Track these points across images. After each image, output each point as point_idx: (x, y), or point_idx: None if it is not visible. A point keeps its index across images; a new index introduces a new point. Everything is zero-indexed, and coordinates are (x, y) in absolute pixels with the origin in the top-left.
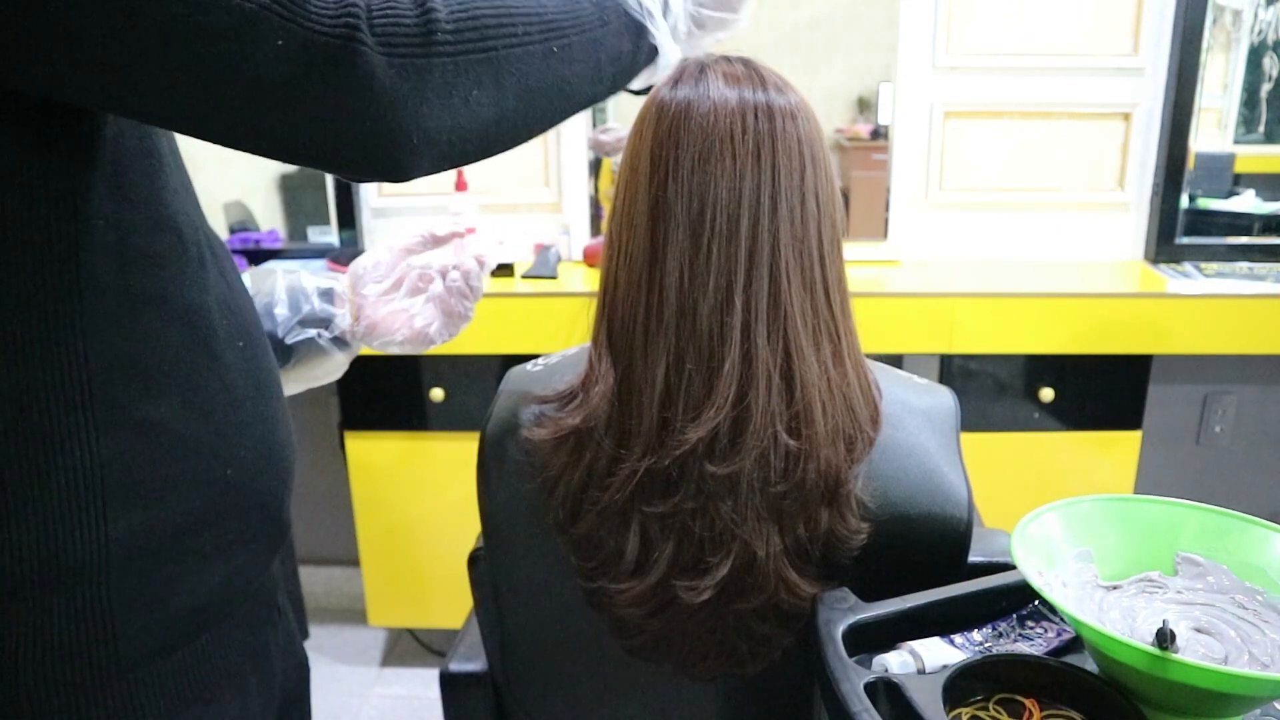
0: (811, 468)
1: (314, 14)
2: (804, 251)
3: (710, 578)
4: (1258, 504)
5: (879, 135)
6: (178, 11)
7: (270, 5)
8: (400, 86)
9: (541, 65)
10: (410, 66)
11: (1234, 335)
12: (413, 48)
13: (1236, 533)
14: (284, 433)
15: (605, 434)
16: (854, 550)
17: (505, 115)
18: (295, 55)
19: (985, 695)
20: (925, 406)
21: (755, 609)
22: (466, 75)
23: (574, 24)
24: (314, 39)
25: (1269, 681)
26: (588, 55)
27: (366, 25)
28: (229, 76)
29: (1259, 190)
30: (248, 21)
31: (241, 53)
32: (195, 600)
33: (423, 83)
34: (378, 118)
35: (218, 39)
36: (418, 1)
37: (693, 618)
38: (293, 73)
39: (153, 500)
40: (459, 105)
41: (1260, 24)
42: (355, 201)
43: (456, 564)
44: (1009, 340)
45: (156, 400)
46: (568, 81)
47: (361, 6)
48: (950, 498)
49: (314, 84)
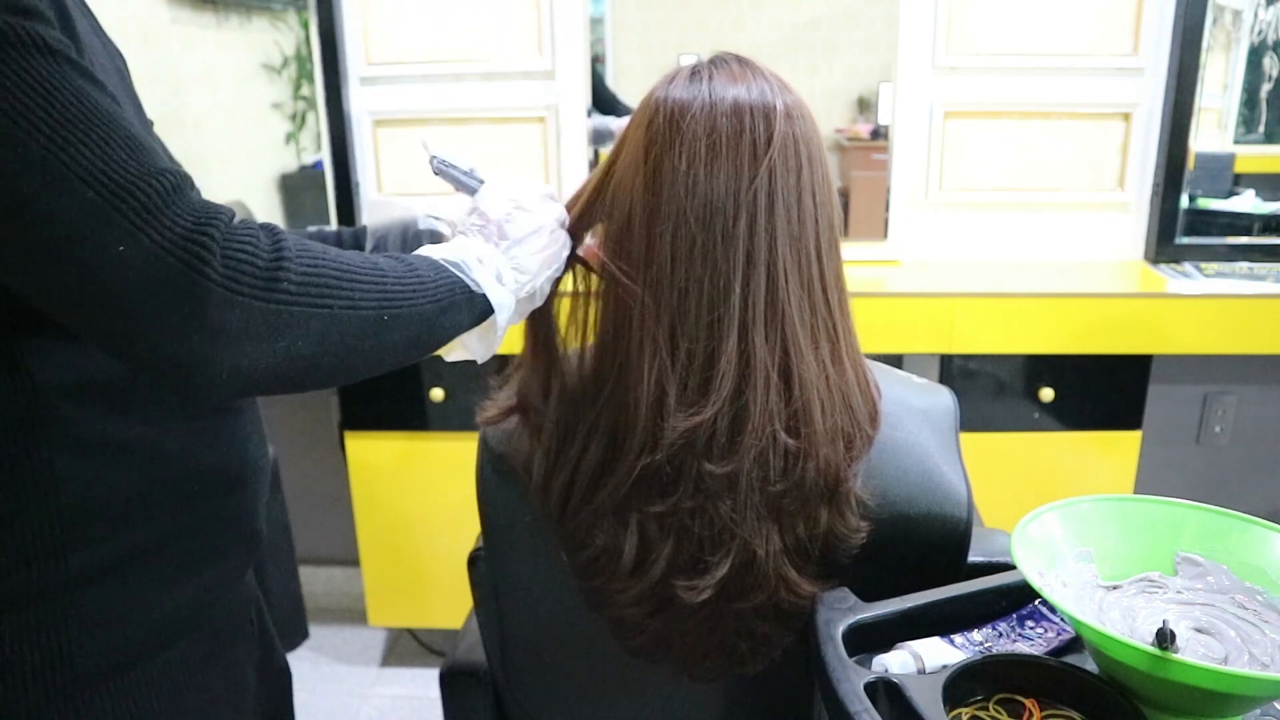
0: (811, 466)
1: (167, 228)
2: (801, 250)
3: (710, 577)
4: (1258, 504)
5: (879, 135)
6: (25, 190)
7: (120, 207)
8: (230, 323)
9: (370, 329)
10: (247, 307)
11: (1234, 335)
12: (255, 290)
13: (1236, 533)
14: (256, 444)
15: (593, 429)
16: (853, 549)
17: (318, 365)
18: (133, 264)
19: (985, 695)
20: (924, 406)
21: (755, 608)
22: (296, 326)
23: (409, 297)
24: (158, 255)
25: (1269, 681)
26: (415, 325)
27: (219, 255)
28: (63, 265)
29: (1259, 190)
30: (96, 217)
31: (79, 246)
32: (158, 617)
33: (252, 324)
34: (197, 346)
35: (59, 225)
36: (272, 247)
37: (693, 617)
38: (125, 279)
39: (115, 521)
40: (280, 351)
41: (1260, 24)
42: (355, 201)
43: (456, 564)
44: (1009, 340)
45: (117, 417)
46: (390, 347)
47: (219, 234)
48: (950, 497)
49: (142, 298)
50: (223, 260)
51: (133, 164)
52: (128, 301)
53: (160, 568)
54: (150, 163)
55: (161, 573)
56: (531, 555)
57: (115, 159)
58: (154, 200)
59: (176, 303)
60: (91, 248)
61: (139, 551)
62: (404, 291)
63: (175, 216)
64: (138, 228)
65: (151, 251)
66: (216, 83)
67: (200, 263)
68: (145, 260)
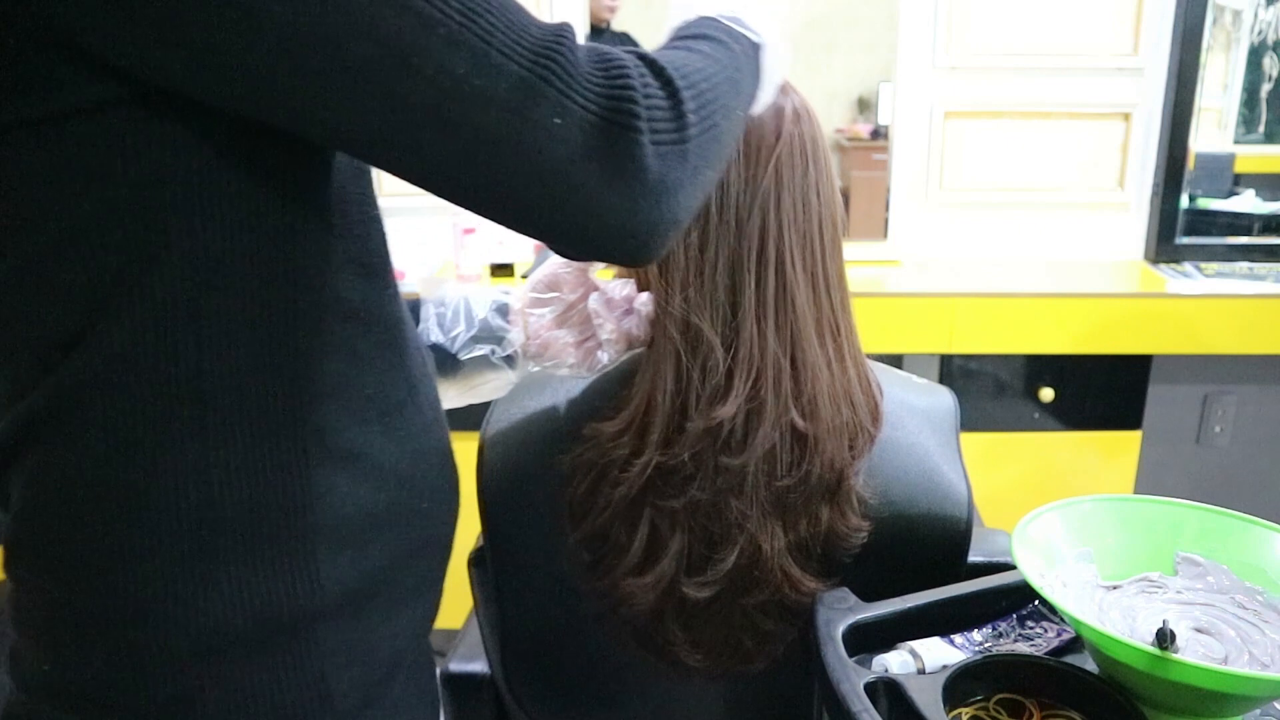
0: (816, 462)
1: (589, 90)
2: (807, 247)
3: (715, 571)
4: (1258, 504)
5: (879, 135)
6: (457, 71)
7: (547, 76)
8: (666, 176)
9: (735, 130)
10: (672, 154)
11: (1234, 335)
12: (671, 133)
13: (1236, 533)
14: (454, 458)
15: (625, 431)
16: (854, 548)
17: (711, 185)
18: (571, 136)
19: (985, 695)
20: (925, 406)
21: (760, 604)
22: (705, 156)
23: (736, 73)
24: (590, 121)
25: (1269, 681)
26: (745, 103)
27: (644, 108)
28: (500, 146)
29: (1259, 190)
30: (526, 92)
31: (516, 124)
32: (396, 647)
33: (682, 170)
34: (643, 208)
35: (493, 106)
36: (661, 78)
37: (699, 614)
38: (567, 154)
39: (360, 539)
40: (700, 187)
41: (1260, 24)
42: None
43: (457, 564)
44: (1009, 340)
45: (361, 427)
46: (737, 137)
47: (635, 84)
48: (950, 497)
49: (587, 170)
50: (646, 110)
51: (533, 25)
52: (571, 178)
53: (396, 593)
54: (537, 20)
55: (396, 598)
56: (532, 555)
57: (518, 23)
58: (566, 61)
59: (619, 172)
60: (528, 126)
61: (380, 575)
62: (735, 73)
63: (589, 75)
64: (564, 94)
65: (585, 120)
66: None
67: (632, 118)
68: (581, 129)
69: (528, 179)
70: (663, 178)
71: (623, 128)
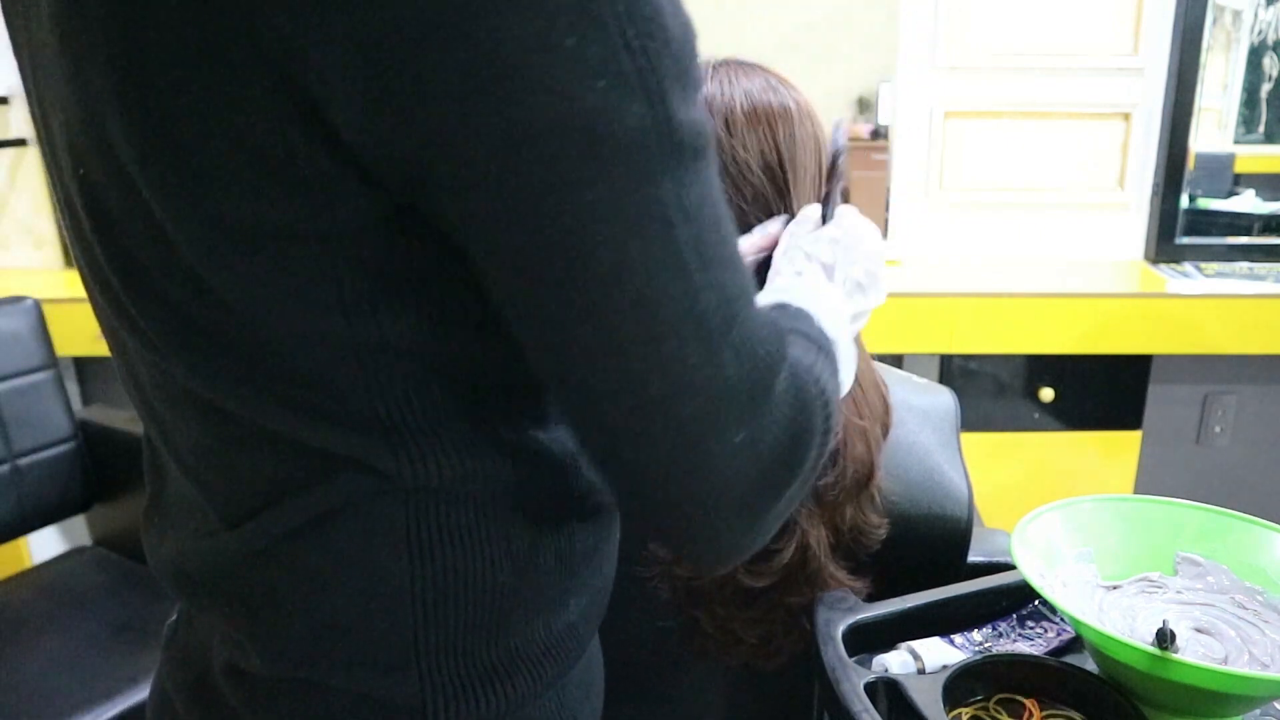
0: (849, 457)
1: (779, 427)
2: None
3: (773, 563)
4: (1258, 504)
5: (879, 135)
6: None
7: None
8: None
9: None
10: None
11: (1234, 335)
12: (806, 483)
13: (1236, 533)
14: None
15: None
16: (875, 545)
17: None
18: (741, 458)
19: (985, 695)
20: (925, 406)
21: (805, 604)
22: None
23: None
24: (764, 457)
25: (1269, 681)
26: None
27: (809, 461)
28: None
29: (1259, 190)
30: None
31: (709, 422)
32: (597, 680)
33: (787, 510)
34: (745, 543)
35: (699, 397)
36: (827, 424)
37: (747, 605)
38: (729, 471)
39: (597, 573)
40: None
41: (1260, 24)
42: None
43: None
44: (1009, 340)
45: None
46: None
47: (816, 431)
48: (950, 496)
49: (731, 489)
50: (809, 462)
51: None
52: (712, 486)
53: (594, 627)
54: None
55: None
56: None
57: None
58: (777, 388)
59: (757, 503)
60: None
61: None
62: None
63: (785, 406)
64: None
65: (759, 454)
66: None
67: (797, 466)
68: (753, 461)
69: (673, 451)
70: (780, 518)
71: (786, 466)
